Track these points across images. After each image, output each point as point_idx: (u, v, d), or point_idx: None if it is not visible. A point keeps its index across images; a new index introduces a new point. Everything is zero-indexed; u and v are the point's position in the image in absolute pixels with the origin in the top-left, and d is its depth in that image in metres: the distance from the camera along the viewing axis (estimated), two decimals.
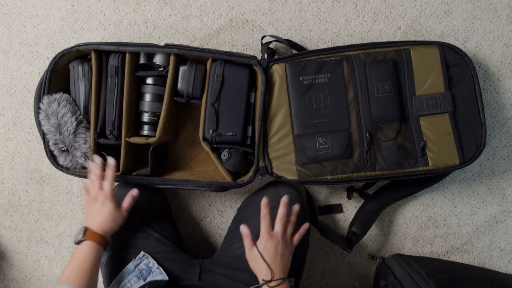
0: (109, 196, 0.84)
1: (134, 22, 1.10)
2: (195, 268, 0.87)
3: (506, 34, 1.08)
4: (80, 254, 0.77)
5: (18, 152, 1.12)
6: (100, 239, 0.80)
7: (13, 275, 1.16)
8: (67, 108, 0.92)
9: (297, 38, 1.09)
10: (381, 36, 1.09)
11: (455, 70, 0.95)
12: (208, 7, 1.09)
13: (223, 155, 0.96)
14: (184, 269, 0.87)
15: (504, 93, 1.09)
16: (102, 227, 0.82)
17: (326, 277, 1.13)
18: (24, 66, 1.11)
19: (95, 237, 0.79)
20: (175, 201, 1.12)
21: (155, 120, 0.97)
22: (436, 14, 1.08)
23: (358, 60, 0.94)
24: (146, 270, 0.83)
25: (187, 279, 0.85)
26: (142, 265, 0.83)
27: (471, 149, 0.94)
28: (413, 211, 1.12)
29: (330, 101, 0.95)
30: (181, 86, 0.96)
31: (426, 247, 1.12)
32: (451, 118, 0.94)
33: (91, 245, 0.78)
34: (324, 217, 1.12)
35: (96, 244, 0.79)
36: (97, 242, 0.79)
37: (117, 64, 0.92)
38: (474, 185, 1.11)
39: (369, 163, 0.94)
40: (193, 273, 0.86)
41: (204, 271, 0.86)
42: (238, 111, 0.95)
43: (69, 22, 1.10)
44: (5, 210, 1.14)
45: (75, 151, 0.93)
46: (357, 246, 1.12)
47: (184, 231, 1.12)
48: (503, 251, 1.13)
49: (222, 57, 0.93)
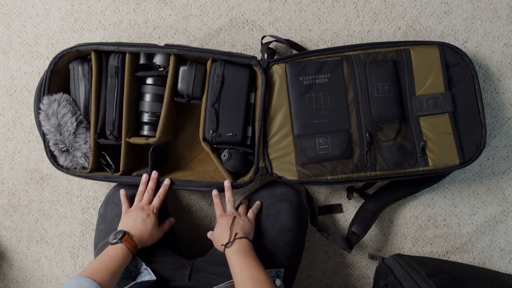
0: (155, 212, 0.89)
1: (134, 22, 1.10)
2: (186, 269, 0.87)
3: (506, 34, 1.08)
4: (112, 254, 0.78)
5: (18, 152, 1.12)
6: (134, 247, 0.82)
7: (13, 275, 1.16)
8: (67, 109, 0.92)
9: (297, 38, 1.09)
10: (381, 36, 1.09)
11: (455, 70, 0.95)
12: (208, 7, 1.09)
13: (223, 155, 0.96)
14: (175, 270, 0.87)
15: (504, 93, 1.09)
16: (140, 237, 0.84)
17: (326, 277, 1.13)
18: (24, 66, 1.10)
19: (131, 244, 0.81)
20: (175, 201, 1.12)
21: (155, 121, 0.97)
22: (436, 14, 1.08)
23: (358, 60, 0.94)
24: (135, 272, 0.83)
25: (177, 280, 0.85)
26: (130, 267, 0.83)
27: (471, 149, 0.94)
28: (413, 211, 1.12)
29: (330, 101, 0.95)
30: (181, 86, 0.96)
31: (426, 247, 1.12)
32: (451, 118, 0.94)
33: (125, 250, 0.80)
34: (324, 217, 1.12)
35: (129, 250, 0.80)
36: (130, 249, 0.80)
37: (117, 64, 0.92)
38: (474, 185, 1.11)
39: (369, 163, 0.94)
40: (183, 274, 0.86)
41: (195, 271, 0.86)
42: (238, 112, 0.95)
43: (69, 22, 1.10)
44: (5, 210, 1.14)
45: (75, 151, 0.93)
46: (357, 246, 1.12)
47: (184, 231, 1.12)
48: (503, 251, 1.13)
49: (222, 58, 0.93)
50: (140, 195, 0.92)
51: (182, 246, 1.10)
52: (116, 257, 0.78)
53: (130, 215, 0.87)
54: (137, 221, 0.85)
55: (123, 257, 0.79)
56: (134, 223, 0.85)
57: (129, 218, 0.87)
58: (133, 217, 0.86)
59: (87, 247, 1.13)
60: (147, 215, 0.86)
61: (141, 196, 0.92)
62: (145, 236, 0.85)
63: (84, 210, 1.13)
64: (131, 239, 0.82)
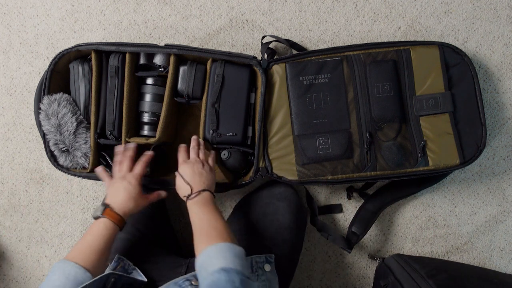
0: (138, 178, 0.85)
1: (134, 22, 1.10)
2: (182, 268, 0.87)
3: (506, 34, 1.08)
4: (95, 231, 0.76)
5: (18, 152, 1.12)
6: (118, 219, 0.78)
7: (13, 275, 1.16)
8: (67, 109, 0.92)
9: (297, 38, 1.09)
10: (381, 36, 1.09)
11: (455, 70, 0.95)
12: (208, 7, 1.09)
13: (222, 154, 0.96)
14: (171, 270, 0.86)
15: (504, 93, 1.09)
16: (123, 207, 0.80)
17: (326, 277, 1.13)
18: (24, 66, 1.10)
19: (113, 217, 0.77)
20: (175, 201, 1.12)
21: (155, 120, 0.97)
22: (436, 14, 1.08)
23: (358, 60, 0.94)
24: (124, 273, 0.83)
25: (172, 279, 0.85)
26: (119, 268, 0.82)
27: (471, 149, 0.94)
28: (413, 211, 1.12)
29: (330, 101, 0.95)
30: (181, 86, 0.96)
31: (426, 247, 1.12)
32: (451, 118, 0.94)
33: (108, 223, 0.76)
34: (324, 217, 1.12)
35: (113, 223, 0.77)
36: (115, 222, 0.77)
37: (117, 64, 0.92)
38: (474, 185, 1.11)
39: (369, 163, 0.94)
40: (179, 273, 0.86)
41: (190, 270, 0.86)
42: (239, 112, 0.95)
43: (69, 22, 1.10)
44: (5, 210, 1.14)
45: (76, 151, 0.93)
46: (357, 246, 1.12)
47: (184, 231, 1.12)
48: (503, 251, 1.13)
49: (222, 58, 0.93)
50: (118, 164, 0.88)
51: (182, 246, 1.10)
52: (100, 234, 0.75)
53: (112, 186, 0.84)
54: (119, 191, 0.82)
55: (107, 232, 0.76)
56: (117, 193, 0.81)
57: (111, 190, 0.83)
58: (115, 187, 0.83)
59: None
60: (129, 183, 0.82)
61: (119, 165, 0.88)
62: (130, 205, 0.81)
63: (84, 210, 1.13)
64: (113, 211, 0.78)
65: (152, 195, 0.89)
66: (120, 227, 0.79)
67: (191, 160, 0.87)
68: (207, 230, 0.72)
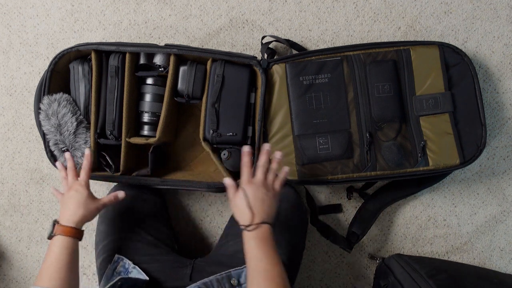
0: (83, 184, 0.83)
1: (134, 22, 1.10)
2: (187, 268, 0.87)
3: (506, 34, 1.08)
4: (52, 251, 0.74)
5: (18, 152, 1.12)
6: (70, 231, 0.76)
7: (13, 275, 1.16)
8: (67, 108, 0.92)
9: (297, 38, 1.09)
10: (381, 36, 1.09)
11: (455, 70, 0.95)
12: (208, 7, 1.09)
13: (222, 154, 0.96)
14: (176, 270, 0.86)
15: (504, 93, 1.09)
16: (72, 217, 0.78)
17: (326, 277, 1.13)
18: (24, 66, 1.10)
19: (64, 231, 0.76)
20: (175, 201, 1.12)
21: (155, 120, 0.97)
22: (436, 14, 1.08)
23: (358, 60, 0.94)
24: (124, 272, 0.83)
25: (178, 279, 0.85)
26: (119, 268, 0.82)
27: (471, 149, 0.94)
28: (413, 211, 1.12)
29: (330, 101, 0.95)
30: (181, 86, 0.96)
31: (426, 247, 1.12)
32: (451, 118, 0.94)
33: (62, 239, 0.75)
34: (324, 217, 1.12)
35: (67, 237, 0.75)
36: (69, 235, 0.75)
37: (117, 64, 0.92)
38: (474, 185, 1.11)
39: (369, 163, 0.94)
40: (185, 274, 0.85)
41: (196, 271, 0.86)
42: (239, 112, 0.95)
43: (69, 22, 1.10)
44: (5, 210, 1.14)
45: (76, 151, 0.93)
46: (357, 246, 1.12)
47: (184, 231, 1.12)
48: (503, 251, 1.13)
49: (222, 58, 0.93)
50: (63, 179, 0.87)
51: (182, 246, 1.10)
52: (58, 252, 0.74)
53: (62, 200, 0.83)
54: (67, 202, 0.80)
55: (65, 248, 0.74)
56: (65, 205, 0.80)
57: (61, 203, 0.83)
58: (64, 200, 0.82)
59: (87, 247, 1.13)
60: (76, 191, 0.81)
61: (64, 180, 0.87)
62: (79, 213, 0.79)
63: None
64: (63, 225, 0.76)
65: (107, 197, 0.86)
66: (78, 237, 0.78)
67: (256, 181, 0.78)
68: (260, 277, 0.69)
